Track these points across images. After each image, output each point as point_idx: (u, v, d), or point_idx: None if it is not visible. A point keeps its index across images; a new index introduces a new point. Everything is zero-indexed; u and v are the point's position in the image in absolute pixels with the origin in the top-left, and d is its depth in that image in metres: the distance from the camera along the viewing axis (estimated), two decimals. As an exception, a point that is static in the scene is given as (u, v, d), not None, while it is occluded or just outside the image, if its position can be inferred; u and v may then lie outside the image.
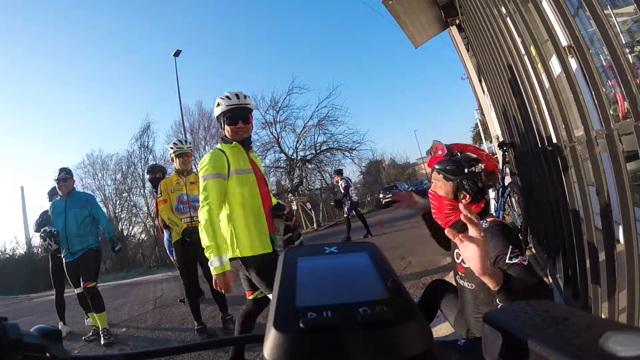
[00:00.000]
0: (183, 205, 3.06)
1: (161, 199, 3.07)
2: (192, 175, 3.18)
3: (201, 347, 0.38)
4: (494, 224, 1.12)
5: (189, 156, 3.13)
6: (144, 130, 17.26)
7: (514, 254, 1.00)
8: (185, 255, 2.97)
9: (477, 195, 1.18)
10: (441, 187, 1.21)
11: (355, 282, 0.26)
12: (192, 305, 2.97)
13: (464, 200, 1.18)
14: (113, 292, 6.42)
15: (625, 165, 1.03)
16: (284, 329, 0.20)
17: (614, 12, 2.40)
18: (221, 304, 3.05)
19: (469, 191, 1.17)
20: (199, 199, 2.95)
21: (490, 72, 3.07)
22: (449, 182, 1.19)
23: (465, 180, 1.16)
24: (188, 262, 2.97)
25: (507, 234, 1.08)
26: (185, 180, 3.11)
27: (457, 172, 1.17)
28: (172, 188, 3.08)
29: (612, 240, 1.20)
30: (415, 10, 4.05)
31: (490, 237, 1.08)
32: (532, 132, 2.04)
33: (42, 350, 0.32)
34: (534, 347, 0.19)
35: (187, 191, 3.09)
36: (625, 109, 1.89)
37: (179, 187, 3.08)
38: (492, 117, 5.37)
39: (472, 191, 1.16)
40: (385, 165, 26.67)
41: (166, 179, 3.18)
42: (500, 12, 1.95)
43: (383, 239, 6.42)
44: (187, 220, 3.02)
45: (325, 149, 18.01)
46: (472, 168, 1.16)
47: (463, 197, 1.18)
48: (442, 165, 1.20)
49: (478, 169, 1.16)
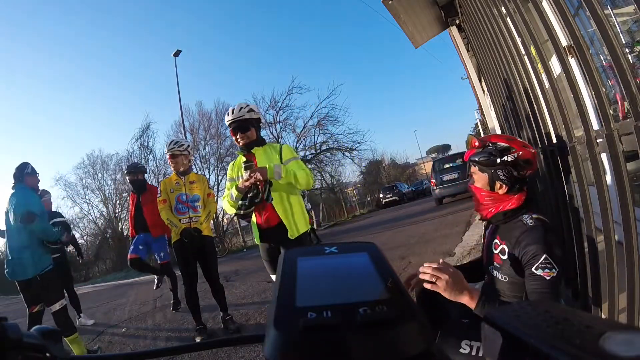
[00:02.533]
0: (182, 206, 3.00)
1: (160, 198, 3.03)
2: (192, 175, 3.12)
3: (201, 347, 0.38)
4: (537, 222, 1.10)
5: (179, 157, 3.02)
6: (144, 130, 17.30)
7: (543, 265, 1.01)
8: (184, 256, 2.94)
9: (515, 185, 1.16)
10: (478, 180, 1.21)
11: (355, 282, 0.26)
12: (191, 306, 2.95)
13: (501, 191, 1.17)
14: (113, 292, 6.42)
15: (625, 165, 1.03)
16: (284, 329, 0.20)
17: (614, 12, 2.40)
18: (222, 304, 3.04)
19: (504, 181, 1.16)
20: (198, 199, 3.04)
21: (490, 72, 3.07)
22: (484, 173, 1.19)
23: (500, 170, 1.16)
24: (186, 263, 2.94)
25: (548, 237, 1.05)
26: (185, 179, 3.05)
27: (490, 163, 1.17)
28: (171, 188, 3.03)
29: (612, 240, 1.20)
30: (415, 10, 4.05)
31: (528, 235, 1.08)
32: (532, 132, 2.04)
33: (42, 350, 0.32)
34: (534, 347, 0.19)
35: (187, 191, 3.03)
36: (625, 109, 1.89)
37: (179, 187, 3.03)
38: (492, 117, 5.37)
39: (509, 181, 1.16)
40: (385, 165, 26.68)
41: (166, 179, 3.13)
42: (500, 12, 1.95)
43: (383, 239, 6.42)
44: (186, 221, 2.97)
45: (325, 149, 18.03)
46: (504, 157, 1.15)
47: (500, 187, 1.17)
48: (476, 157, 1.20)
49: (511, 158, 1.15)
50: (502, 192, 1.17)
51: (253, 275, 5.47)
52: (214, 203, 3.21)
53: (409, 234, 6.42)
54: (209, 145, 18.39)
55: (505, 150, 1.17)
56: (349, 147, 17.76)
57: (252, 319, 3.18)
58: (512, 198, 1.17)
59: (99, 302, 5.90)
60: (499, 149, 1.17)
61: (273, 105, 17.68)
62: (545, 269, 1.01)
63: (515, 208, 1.16)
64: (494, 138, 1.22)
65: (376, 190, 20.16)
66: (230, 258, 9.53)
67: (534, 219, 1.11)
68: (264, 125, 17.23)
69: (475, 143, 1.23)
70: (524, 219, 1.12)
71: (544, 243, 1.04)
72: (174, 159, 3.00)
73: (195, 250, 2.96)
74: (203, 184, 3.15)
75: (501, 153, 1.16)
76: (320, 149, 17.97)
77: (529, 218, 1.11)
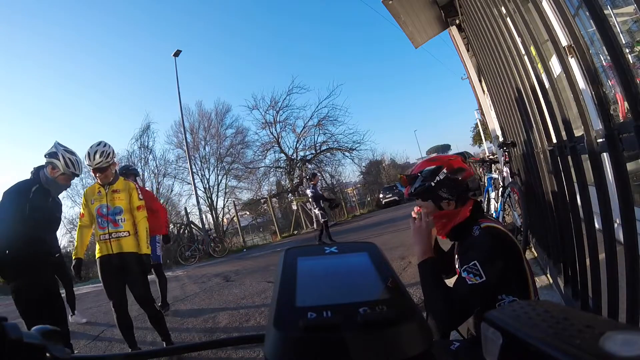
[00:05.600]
0: (102, 219, 2.55)
1: (81, 211, 2.64)
2: (118, 182, 2.65)
3: (201, 347, 0.38)
4: (482, 231, 1.11)
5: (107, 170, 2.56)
6: (144, 130, 17.26)
7: (470, 269, 1.02)
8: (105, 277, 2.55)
9: (460, 195, 1.19)
10: (425, 208, 1.24)
11: (356, 282, 0.26)
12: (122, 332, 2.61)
13: (451, 207, 1.20)
14: (113, 292, 6.42)
15: (625, 165, 1.03)
16: (284, 328, 0.20)
17: (614, 12, 2.40)
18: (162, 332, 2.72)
19: (449, 197, 1.19)
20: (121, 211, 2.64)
21: (490, 72, 3.07)
22: (427, 200, 1.22)
23: (439, 190, 1.19)
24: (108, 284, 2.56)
25: (487, 248, 1.05)
26: (108, 189, 2.59)
27: (427, 189, 1.20)
28: (92, 198, 2.58)
29: (612, 240, 1.20)
30: (415, 10, 4.05)
31: (471, 244, 1.09)
32: (532, 132, 2.05)
33: (42, 350, 0.32)
34: (534, 347, 0.19)
35: (108, 202, 2.57)
36: (625, 109, 1.89)
37: (100, 197, 2.58)
38: (492, 117, 5.38)
39: (452, 195, 1.19)
40: (385, 165, 26.65)
41: (88, 188, 2.70)
42: (500, 12, 1.95)
43: (383, 239, 6.42)
44: (105, 237, 2.52)
45: (325, 149, 18.05)
46: (437, 178, 1.19)
47: (448, 204, 1.20)
48: (412, 190, 1.24)
49: (442, 175, 1.19)
50: (452, 207, 1.20)
51: (253, 275, 5.47)
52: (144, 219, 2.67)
53: (409, 234, 6.38)
54: (209, 145, 18.40)
55: (434, 171, 1.20)
56: (349, 147, 17.79)
57: (252, 319, 3.18)
58: (462, 210, 1.19)
59: (99, 302, 5.90)
60: (428, 173, 1.21)
61: (273, 105, 17.70)
62: (470, 273, 1.01)
63: (466, 220, 1.18)
64: (418, 168, 1.27)
65: (376, 190, 20.15)
66: (230, 258, 9.53)
67: (482, 228, 1.12)
68: (264, 125, 17.25)
69: (402, 181, 1.28)
70: (473, 230, 1.13)
71: (480, 250, 1.05)
72: (103, 172, 2.53)
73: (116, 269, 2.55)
74: (129, 193, 2.65)
75: (432, 176, 1.20)
76: (320, 149, 17.99)
77: (477, 229, 1.13)
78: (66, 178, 2.59)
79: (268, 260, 7.13)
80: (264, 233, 15.76)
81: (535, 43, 1.56)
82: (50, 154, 2.53)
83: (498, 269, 1.02)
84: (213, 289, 4.87)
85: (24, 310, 2.37)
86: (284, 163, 18.10)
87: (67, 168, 2.53)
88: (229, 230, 15.82)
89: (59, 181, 2.56)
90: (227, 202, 17.81)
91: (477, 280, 0.99)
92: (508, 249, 1.07)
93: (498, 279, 1.02)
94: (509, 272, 1.06)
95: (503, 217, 3.33)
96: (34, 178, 2.57)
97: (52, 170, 2.53)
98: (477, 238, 1.09)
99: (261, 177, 18.48)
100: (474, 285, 0.99)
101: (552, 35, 1.32)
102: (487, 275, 0.99)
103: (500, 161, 3.52)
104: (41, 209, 2.51)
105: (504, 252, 1.06)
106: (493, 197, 3.61)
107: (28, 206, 2.43)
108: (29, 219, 2.41)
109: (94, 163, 2.50)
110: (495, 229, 1.11)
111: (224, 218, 17.39)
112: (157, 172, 17.44)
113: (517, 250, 1.10)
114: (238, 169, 18.41)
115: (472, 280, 1.00)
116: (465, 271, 1.02)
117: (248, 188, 18.53)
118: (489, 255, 1.03)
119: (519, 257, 1.09)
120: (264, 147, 18.16)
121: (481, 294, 1.00)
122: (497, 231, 1.10)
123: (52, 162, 2.51)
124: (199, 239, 11.33)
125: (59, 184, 2.60)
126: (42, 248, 2.55)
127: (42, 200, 2.52)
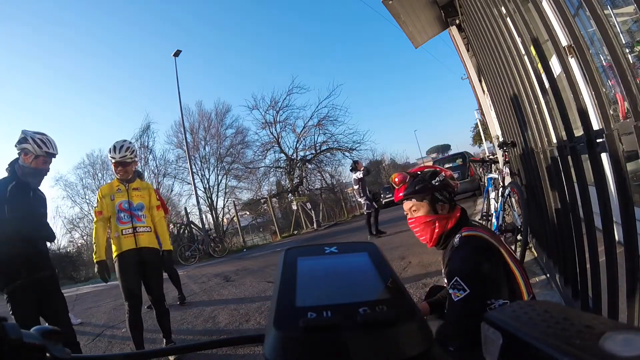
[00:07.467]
0: (124, 214, 2.61)
1: (96, 209, 2.66)
2: (136, 182, 2.75)
3: (201, 347, 0.38)
4: (461, 241, 1.11)
5: (129, 165, 2.65)
6: (144, 130, 17.26)
7: (454, 285, 1.04)
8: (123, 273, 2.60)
9: (451, 203, 1.23)
10: (419, 209, 1.24)
11: (355, 282, 0.26)
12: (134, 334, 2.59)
13: (444, 211, 1.21)
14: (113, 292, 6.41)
15: (625, 165, 1.03)
16: (284, 328, 0.20)
17: (614, 12, 2.40)
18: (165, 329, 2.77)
19: (444, 200, 1.22)
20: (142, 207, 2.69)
21: (490, 72, 3.07)
22: (424, 200, 1.23)
23: (437, 192, 1.22)
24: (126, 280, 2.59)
25: (465, 260, 1.06)
26: (128, 187, 2.67)
27: (427, 188, 1.22)
28: (112, 195, 2.64)
29: (612, 240, 1.20)
30: (415, 10, 4.05)
31: (451, 257, 1.11)
32: (532, 132, 2.04)
33: (42, 350, 0.32)
34: (534, 347, 0.19)
35: (130, 198, 2.64)
36: (625, 109, 1.89)
37: (120, 194, 2.65)
38: (492, 117, 5.37)
39: (447, 199, 1.22)
40: (385, 165, 26.66)
41: (104, 185, 2.77)
42: (500, 12, 1.95)
43: (383, 239, 6.41)
44: (129, 232, 2.58)
45: (325, 149, 18.04)
46: (436, 179, 1.22)
47: (442, 208, 1.22)
48: (411, 189, 1.24)
49: (441, 178, 1.23)
50: (445, 211, 1.22)
51: (253, 275, 5.47)
52: (162, 218, 2.80)
53: (408, 234, 6.40)
54: (209, 145, 18.39)
55: (433, 174, 1.24)
56: (349, 147, 17.78)
57: (252, 319, 3.18)
58: (452, 216, 1.22)
59: (99, 302, 5.90)
60: (427, 174, 1.24)
61: (273, 105, 17.68)
62: (455, 289, 1.03)
63: (452, 227, 1.20)
64: (414, 170, 1.30)
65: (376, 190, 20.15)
66: (230, 258, 9.53)
67: (461, 237, 1.12)
68: (264, 125, 17.24)
69: (395, 179, 1.29)
70: (454, 240, 1.14)
71: (459, 263, 1.07)
72: (125, 167, 2.62)
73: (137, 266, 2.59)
74: (148, 192, 2.76)
75: (431, 177, 1.23)
76: (320, 149, 17.98)
77: (457, 238, 1.13)
78: (42, 161, 2.36)
79: (268, 260, 7.14)
80: (264, 233, 15.77)
81: (535, 43, 1.56)
82: (19, 140, 2.34)
83: (481, 277, 1.03)
84: (213, 289, 4.87)
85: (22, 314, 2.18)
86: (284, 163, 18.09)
87: (40, 148, 2.32)
88: (229, 230, 15.81)
89: (35, 166, 2.34)
90: (227, 202, 17.81)
91: (461, 295, 1.02)
92: (489, 255, 1.08)
93: (484, 285, 1.03)
94: (495, 277, 1.06)
95: (503, 217, 3.32)
96: (10, 175, 2.35)
97: (25, 157, 2.32)
98: (456, 250, 1.11)
99: (261, 177, 18.48)
100: (459, 300, 1.02)
101: (552, 35, 1.32)
102: (470, 288, 1.01)
103: (500, 161, 3.51)
104: (21, 207, 2.29)
105: (486, 260, 1.06)
106: (493, 197, 3.61)
107: (6, 207, 2.22)
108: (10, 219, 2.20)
109: (119, 155, 2.56)
110: (474, 237, 1.12)
111: (224, 218, 17.39)
112: (157, 172, 17.46)
113: (500, 254, 1.10)
114: (238, 169, 18.40)
115: (457, 296, 1.02)
116: (451, 288, 1.05)
117: (248, 188, 18.53)
118: (468, 266, 1.05)
119: (503, 260, 1.09)
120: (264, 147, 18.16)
121: (471, 306, 1.01)
122: (475, 240, 1.11)
123: (22, 148, 2.32)
124: (199, 239, 11.32)
125: (36, 170, 2.36)
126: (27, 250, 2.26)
127: (22, 196, 2.31)
